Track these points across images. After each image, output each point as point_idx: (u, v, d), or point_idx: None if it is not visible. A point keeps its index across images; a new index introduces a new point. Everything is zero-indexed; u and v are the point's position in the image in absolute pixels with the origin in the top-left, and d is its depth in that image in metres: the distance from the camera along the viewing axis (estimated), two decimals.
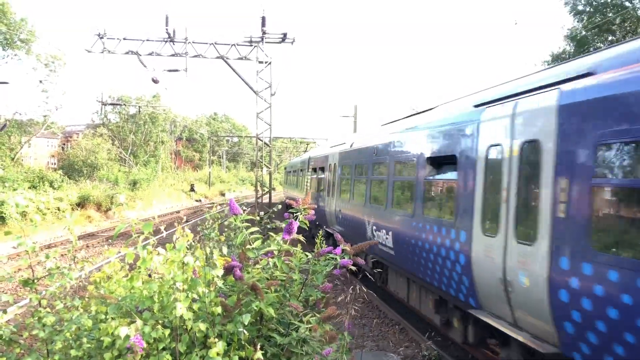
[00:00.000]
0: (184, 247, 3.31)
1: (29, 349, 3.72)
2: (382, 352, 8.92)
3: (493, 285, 6.33)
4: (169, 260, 3.32)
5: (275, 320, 3.97)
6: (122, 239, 22.19)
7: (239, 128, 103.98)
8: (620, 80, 4.69)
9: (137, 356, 2.93)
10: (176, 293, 3.21)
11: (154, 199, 41.78)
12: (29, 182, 29.73)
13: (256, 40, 23.88)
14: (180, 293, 3.22)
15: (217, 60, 23.78)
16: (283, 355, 3.89)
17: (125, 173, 47.74)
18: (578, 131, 5.12)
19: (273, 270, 4.06)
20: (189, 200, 52.82)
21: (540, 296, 5.40)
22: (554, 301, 5.20)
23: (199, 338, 3.40)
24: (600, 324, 4.60)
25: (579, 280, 4.84)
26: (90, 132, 61.63)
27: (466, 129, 7.37)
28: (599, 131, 4.81)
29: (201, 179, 68.47)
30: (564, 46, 32.12)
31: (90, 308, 3.69)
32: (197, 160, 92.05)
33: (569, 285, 4.97)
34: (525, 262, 5.67)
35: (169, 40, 23.07)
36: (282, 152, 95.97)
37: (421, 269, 8.72)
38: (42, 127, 44.91)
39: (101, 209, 32.94)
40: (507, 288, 6.03)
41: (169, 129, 76.18)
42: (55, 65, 40.96)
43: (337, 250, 4.21)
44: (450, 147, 7.90)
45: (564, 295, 5.05)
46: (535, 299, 5.49)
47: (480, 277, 6.65)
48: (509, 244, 6.00)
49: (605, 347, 4.62)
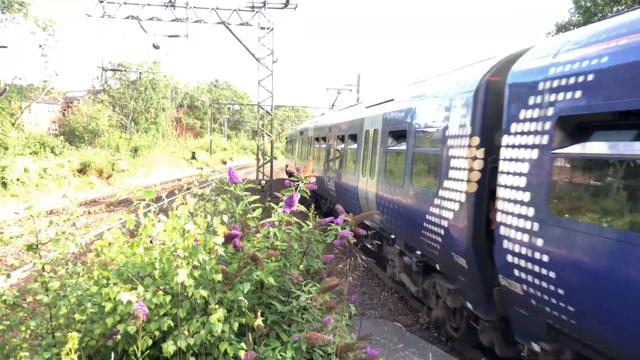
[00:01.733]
0: (185, 214, 3.32)
1: (32, 312, 3.76)
2: (381, 320, 9.05)
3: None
4: (170, 227, 3.33)
5: (275, 289, 4.00)
6: (123, 206, 22.29)
7: (241, 95, 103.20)
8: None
9: (139, 321, 2.97)
10: (177, 260, 3.23)
11: (155, 167, 41.83)
12: (29, 148, 29.67)
13: (258, 6, 23.49)
14: (181, 260, 3.24)
15: (219, 26, 23.47)
16: (283, 323, 3.94)
17: (127, 140, 47.64)
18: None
19: (273, 240, 4.08)
20: (190, 167, 52.84)
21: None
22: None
23: (200, 305, 3.44)
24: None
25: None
26: (91, 99, 61.25)
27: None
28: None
29: (202, 147, 68.34)
30: (568, 17, 31.54)
31: (92, 274, 3.72)
32: (198, 128, 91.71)
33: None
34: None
35: (170, 5, 22.71)
36: (283, 120, 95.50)
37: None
38: (42, 93, 44.60)
39: (102, 175, 32.99)
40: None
41: (170, 95, 75.67)
42: (54, 29, 40.42)
43: (338, 221, 4.22)
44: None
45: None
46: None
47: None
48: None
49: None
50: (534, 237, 4.90)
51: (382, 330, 7.98)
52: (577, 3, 30.23)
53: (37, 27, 39.58)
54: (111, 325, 3.25)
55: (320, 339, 3.44)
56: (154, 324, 3.23)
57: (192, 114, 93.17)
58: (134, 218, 3.51)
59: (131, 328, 3.09)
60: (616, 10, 28.13)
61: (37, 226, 3.69)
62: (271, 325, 3.87)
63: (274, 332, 3.84)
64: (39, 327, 3.67)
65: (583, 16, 29.67)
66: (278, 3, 23.56)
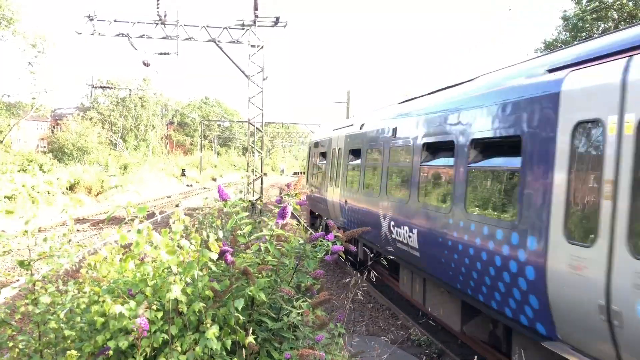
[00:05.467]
0: (180, 230, 3.34)
1: (21, 331, 3.72)
2: (372, 337, 9.02)
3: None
4: (164, 244, 3.34)
5: (266, 305, 3.99)
6: (113, 223, 22.10)
7: (231, 113, 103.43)
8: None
9: (140, 336, 2.97)
10: (170, 276, 3.23)
11: (145, 184, 41.64)
12: (18, 165, 29.46)
13: (248, 24, 23.67)
14: (175, 276, 3.24)
15: (209, 43, 23.58)
16: (274, 340, 3.92)
17: (116, 157, 47.46)
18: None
19: (265, 255, 4.08)
20: (180, 184, 52.64)
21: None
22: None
23: (192, 322, 3.43)
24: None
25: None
26: (80, 116, 61.03)
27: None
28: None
29: (192, 164, 68.20)
30: (556, 34, 32.12)
31: (84, 290, 3.70)
32: (188, 145, 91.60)
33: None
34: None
35: (160, 23, 22.80)
36: (274, 137, 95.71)
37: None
38: (31, 110, 44.36)
39: (92, 192, 32.77)
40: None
41: (160, 112, 75.64)
42: (44, 46, 40.32)
43: (329, 237, 4.24)
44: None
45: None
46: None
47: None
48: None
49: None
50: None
51: (372, 347, 7.95)
52: (566, 20, 30.77)
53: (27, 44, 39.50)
54: (102, 343, 3.23)
55: (312, 355, 3.43)
56: (145, 341, 3.21)
57: (182, 130, 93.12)
58: (127, 234, 3.50)
59: (122, 344, 3.07)
60: (603, 28, 28.70)
61: (30, 242, 3.68)
62: (262, 342, 3.85)
63: (264, 349, 3.82)
64: (27, 345, 3.63)
65: (570, 33, 30.19)
66: (268, 21, 23.76)
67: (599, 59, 4.96)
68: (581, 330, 4.87)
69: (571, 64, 5.30)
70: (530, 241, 5.41)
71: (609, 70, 4.74)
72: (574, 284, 4.77)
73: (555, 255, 5.01)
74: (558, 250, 4.99)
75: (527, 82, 5.93)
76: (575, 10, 29.88)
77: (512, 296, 5.75)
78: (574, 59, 5.35)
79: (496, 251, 6.01)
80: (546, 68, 5.71)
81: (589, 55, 5.17)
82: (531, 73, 6.01)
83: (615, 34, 5.32)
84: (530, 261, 5.39)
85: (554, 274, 5.02)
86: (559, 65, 5.52)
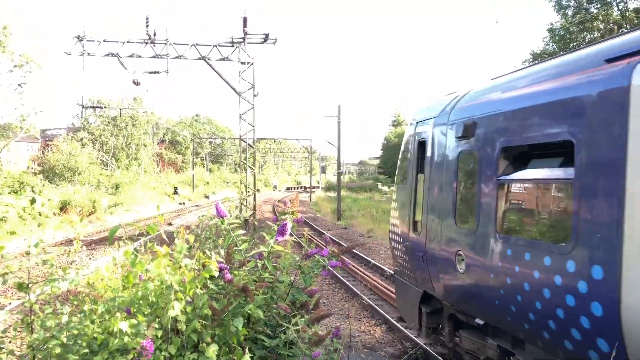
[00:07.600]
0: (184, 249, 3.36)
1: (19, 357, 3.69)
2: (369, 352, 8.99)
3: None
4: (164, 264, 3.36)
5: (262, 322, 3.99)
6: (106, 243, 21.91)
7: (222, 130, 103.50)
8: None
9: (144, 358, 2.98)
10: (171, 294, 3.25)
11: (137, 203, 41.43)
12: (8, 187, 29.25)
13: (238, 41, 23.84)
14: (177, 293, 3.26)
15: (199, 61, 23.70)
16: (271, 358, 3.91)
17: (108, 177, 47.25)
18: None
19: (262, 272, 4.08)
20: (172, 202, 52.42)
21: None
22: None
23: (191, 340, 3.43)
24: None
25: None
26: (69, 136, 60.79)
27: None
28: None
29: (185, 182, 67.96)
30: (543, 46, 32.57)
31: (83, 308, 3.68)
32: (180, 163, 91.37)
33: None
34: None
35: (150, 42, 22.92)
36: (265, 153, 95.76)
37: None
38: (21, 131, 44.13)
39: (83, 212, 32.53)
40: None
41: (152, 131, 75.51)
42: (31, 67, 40.19)
43: (324, 252, 4.25)
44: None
45: None
46: None
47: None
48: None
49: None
50: None
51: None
52: (552, 32, 31.23)
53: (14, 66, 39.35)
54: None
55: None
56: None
57: (174, 148, 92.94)
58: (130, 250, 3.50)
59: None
60: (589, 39, 29.13)
61: (30, 264, 3.67)
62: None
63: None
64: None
65: (557, 44, 30.63)
66: (257, 38, 23.95)
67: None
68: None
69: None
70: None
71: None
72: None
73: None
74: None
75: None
76: (562, 22, 30.38)
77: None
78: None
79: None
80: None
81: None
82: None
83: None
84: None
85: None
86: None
